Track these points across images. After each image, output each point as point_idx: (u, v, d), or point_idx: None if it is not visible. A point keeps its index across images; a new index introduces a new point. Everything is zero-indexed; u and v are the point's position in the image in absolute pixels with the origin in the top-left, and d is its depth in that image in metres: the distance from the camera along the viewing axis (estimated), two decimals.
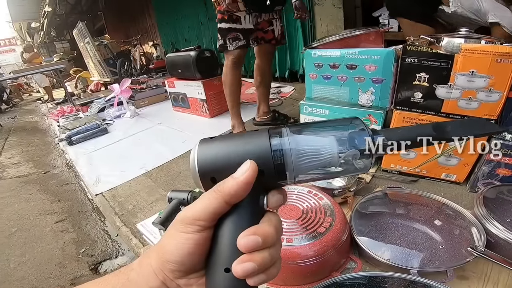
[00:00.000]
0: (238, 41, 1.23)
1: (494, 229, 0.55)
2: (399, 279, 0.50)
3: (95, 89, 4.12)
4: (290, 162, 0.21)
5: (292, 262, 0.55)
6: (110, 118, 2.13)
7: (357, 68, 0.82)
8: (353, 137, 0.22)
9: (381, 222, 0.65)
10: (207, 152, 0.22)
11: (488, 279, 0.54)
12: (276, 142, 0.21)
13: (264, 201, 0.21)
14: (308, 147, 0.21)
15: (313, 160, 0.21)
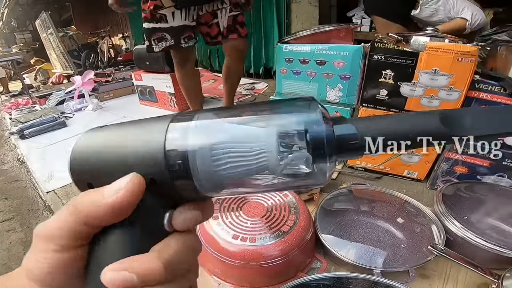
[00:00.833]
0: (165, 42, 1.12)
1: (452, 227, 0.56)
2: (363, 279, 0.49)
3: (57, 82, 3.84)
4: (196, 168, 0.14)
5: (256, 262, 0.52)
6: (69, 111, 1.99)
7: (326, 64, 0.81)
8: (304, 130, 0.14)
9: (346, 220, 0.65)
10: (86, 148, 0.16)
11: (448, 278, 0.55)
12: (175, 136, 0.15)
13: (165, 220, 0.15)
14: (230, 144, 0.14)
15: (239, 165, 0.14)
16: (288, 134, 0.14)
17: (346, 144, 0.15)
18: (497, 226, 0.61)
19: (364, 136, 0.15)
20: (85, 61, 4.04)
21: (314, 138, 0.14)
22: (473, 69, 0.65)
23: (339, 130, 0.15)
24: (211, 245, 0.55)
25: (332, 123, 0.15)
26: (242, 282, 0.56)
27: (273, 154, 0.14)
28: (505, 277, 0.47)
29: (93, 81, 2.03)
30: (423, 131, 0.15)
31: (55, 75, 3.96)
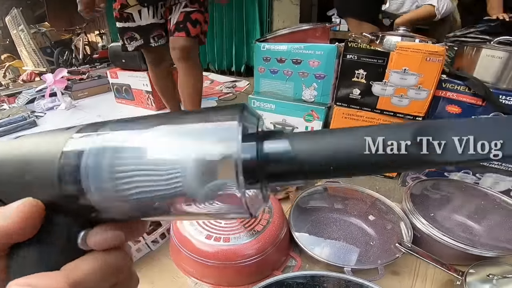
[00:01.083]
0: (135, 41, 1.09)
1: (419, 224, 0.58)
2: (336, 278, 0.50)
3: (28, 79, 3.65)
4: (91, 191, 0.12)
5: (231, 262, 0.52)
6: (41, 110, 1.89)
7: (301, 63, 0.81)
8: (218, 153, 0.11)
9: (320, 217, 0.66)
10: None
11: (417, 275, 0.57)
12: (70, 154, 0.13)
13: (79, 240, 0.13)
14: (135, 165, 0.12)
15: (146, 190, 0.12)
16: (203, 157, 0.11)
17: (278, 167, 0.12)
18: (462, 222, 0.63)
19: (304, 160, 0.12)
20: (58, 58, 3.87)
21: (225, 160, 0.11)
22: (441, 68, 0.68)
23: (269, 149, 0.12)
24: (185, 245, 0.54)
25: (262, 138, 0.12)
26: (219, 281, 0.56)
27: (188, 180, 0.11)
28: (468, 274, 0.49)
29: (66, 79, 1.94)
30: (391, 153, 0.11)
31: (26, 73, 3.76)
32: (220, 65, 2.44)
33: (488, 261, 0.51)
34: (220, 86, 2.10)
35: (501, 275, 0.46)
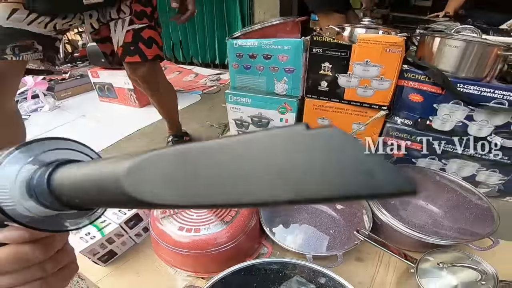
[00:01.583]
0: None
1: (378, 213, 0.60)
2: (300, 265, 0.53)
3: None
4: None
5: (202, 250, 0.56)
6: (25, 112, 1.88)
7: (271, 58, 0.84)
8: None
9: (290, 206, 0.69)
10: None
11: (381, 262, 0.60)
12: None
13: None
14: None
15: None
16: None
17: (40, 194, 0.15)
18: (424, 209, 0.65)
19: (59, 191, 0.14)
20: None
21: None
22: (401, 59, 0.70)
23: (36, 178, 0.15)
24: (162, 237, 0.58)
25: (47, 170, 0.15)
26: (196, 269, 0.60)
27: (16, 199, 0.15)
28: (422, 260, 0.51)
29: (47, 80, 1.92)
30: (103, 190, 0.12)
31: None
32: (204, 58, 2.43)
33: (443, 249, 0.53)
34: (204, 79, 2.10)
35: (451, 263, 0.48)
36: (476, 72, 0.67)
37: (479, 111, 0.69)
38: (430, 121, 0.75)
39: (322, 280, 0.52)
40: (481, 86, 0.66)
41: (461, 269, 0.48)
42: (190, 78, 2.16)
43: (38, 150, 0.15)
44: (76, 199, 0.14)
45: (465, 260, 0.49)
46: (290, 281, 0.54)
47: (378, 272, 0.58)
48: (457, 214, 0.63)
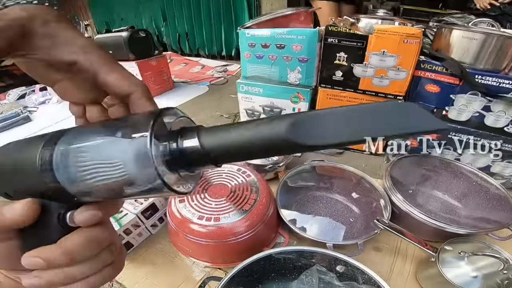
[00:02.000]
0: None
1: (397, 201, 0.60)
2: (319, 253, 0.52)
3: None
4: (64, 181, 0.16)
5: (221, 240, 0.56)
6: (33, 104, 1.89)
7: (285, 48, 0.83)
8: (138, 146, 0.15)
9: (308, 195, 0.69)
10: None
11: (398, 251, 0.59)
12: (44, 156, 0.17)
13: (67, 220, 0.18)
14: (90, 159, 0.16)
15: (101, 176, 0.15)
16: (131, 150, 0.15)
17: (189, 158, 0.15)
18: (440, 199, 0.66)
19: (209, 151, 0.15)
20: None
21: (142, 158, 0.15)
22: (418, 50, 0.70)
23: (182, 144, 0.15)
24: (181, 227, 0.58)
25: (177, 136, 0.16)
26: (214, 259, 0.60)
27: (128, 167, 0.15)
28: (442, 250, 0.50)
29: None
30: (269, 140, 0.14)
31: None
32: (211, 50, 2.42)
33: (463, 239, 0.53)
34: (211, 70, 2.10)
35: (472, 252, 0.48)
36: (494, 63, 0.67)
37: (496, 102, 0.69)
38: (446, 111, 0.75)
39: (342, 269, 0.52)
40: (500, 77, 0.66)
41: (482, 258, 0.47)
42: (197, 69, 2.15)
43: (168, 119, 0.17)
44: (227, 157, 0.15)
45: (486, 250, 0.49)
46: (310, 270, 0.53)
47: (396, 261, 0.58)
48: (474, 204, 0.63)
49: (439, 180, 0.70)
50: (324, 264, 0.53)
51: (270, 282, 0.54)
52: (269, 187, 0.65)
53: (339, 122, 0.13)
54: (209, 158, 0.15)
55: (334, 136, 0.13)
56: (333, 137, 0.13)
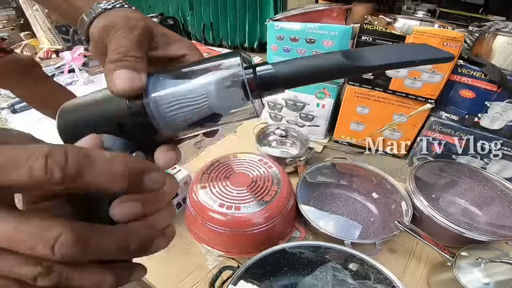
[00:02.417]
0: None
1: (419, 204, 0.59)
2: (336, 250, 0.53)
3: (45, 57, 3.73)
4: (152, 111, 0.18)
5: (240, 229, 0.56)
6: None
7: (315, 43, 0.82)
8: (230, 74, 0.18)
9: (326, 192, 0.69)
10: (68, 110, 0.20)
11: (413, 254, 0.59)
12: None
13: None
14: (179, 92, 0.18)
15: (185, 106, 0.18)
16: (220, 79, 0.18)
17: (268, 82, 0.18)
18: (463, 206, 0.65)
19: (280, 74, 0.18)
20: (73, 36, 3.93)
21: (239, 80, 0.18)
22: (457, 54, 0.67)
23: (260, 71, 0.18)
24: (200, 213, 0.58)
25: (254, 67, 0.18)
26: (229, 249, 0.60)
27: (212, 96, 0.18)
28: (460, 256, 0.50)
29: (83, 56, 1.99)
30: (330, 65, 0.18)
31: (42, 51, 3.83)
32: (233, 41, 2.41)
33: (481, 245, 0.53)
34: None
35: (489, 259, 0.47)
36: None
37: None
38: (479, 118, 0.72)
39: (355, 267, 0.52)
40: None
41: (499, 265, 0.47)
42: None
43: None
44: (297, 80, 0.19)
45: (504, 257, 0.48)
46: (325, 266, 0.53)
47: (409, 264, 0.58)
48: (496, 213, 0.62)
49: (463, 187, 0.69)
50: (339, 262, 0.53)
51: (283, 275, 0.54)
52: (290, 180, 0.65)
53: (376, 54, 0.18)
54: (282, 80, 0.18)
55: (375, 61, 0.18)
56: (374, 61, 0.18)
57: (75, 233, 0.13)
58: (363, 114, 0.85)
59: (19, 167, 0.12)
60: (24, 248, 0.12)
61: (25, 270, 0.13)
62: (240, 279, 0.47)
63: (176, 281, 0.56)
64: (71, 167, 0.12)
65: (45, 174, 0.12)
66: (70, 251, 0.13)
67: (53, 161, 0.12)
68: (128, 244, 0.15)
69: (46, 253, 0.12)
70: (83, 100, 0.20)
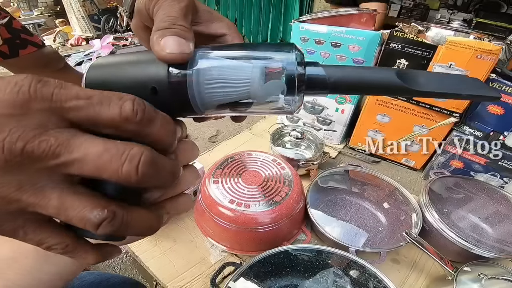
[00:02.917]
0: None
1: (430, 217, 0.58)
2: (339, 256, 0.53)
3: (76, 44, 3.91)
4: (191, 84, 0.17)
5: (248, 227, 0.56)
6: None
7: (341, 47, 0.81)
8: (280, 66, 0.17)
9: (337, 198, 0.68)
10: (98, 67, 0.19)
11: (415, 266, 0.58)
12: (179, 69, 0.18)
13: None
14: (221, 71, 0.18)
15: (226, 87, 0.17)
16: (269, 68, 0.18)
17: (315, 83, 0.18)
18: (475, 223, 0.63)
19: (330, 78, 0.18)
20: (104, 25, 4.10)
21: (288, 74, 0.17)
22: (491, 67, 0.64)
23: (310, 71, 0.18)
24: (210, 207, 0.59)
25: (305, 65, 0.18)
26: (233, 244, 0.61)
27: (255, 83, 0.17)
28: (462, 271, 0.49)
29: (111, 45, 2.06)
30: (381, 81, 0.18)
31: (73, 38, 4.01)
32: (255, 39, 2.42)
33: (486, 261, 0.52)
34: None
35: (491, 275, 0.47)
36: None
37: None
38: (504, 136, 0.69)
39: (356, 274, 0.52)
40: None
41: (500, 282, 0.46)
42: None
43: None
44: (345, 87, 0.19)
45: (506, 275, 0.47)
46: (327, 271, 0.53)
47: (410, 275, 0.57)
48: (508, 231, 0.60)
49: (477, 204, 0.66)
50: (341, 267, 0.53)
51: (283, 276, 0.55)
52: (302, 183, 0.65)
53: (430, 80, 0.18)
54: (329, 85, 0.18)
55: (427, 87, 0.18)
56: (427, 87, 0.18)
57: (152, 152, 0.15)
58: (383, 122, 0.83)
59: (113, 105, 0.14)
60: (111, 169, 0.14)
61: (93, 215, 0.14)
62: (241, 276, 0.48)
63: (177, 272, 0.57)
64: (147, 114, 0.15)
65: (131, 113, 0.14)
66: (149, 170, 0.15)
67: (138, 105, 0.15)
68: (177, 172, 0.17)
69: (130, 171, 0.14)
70: (118, 58, 0.19)
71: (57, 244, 0.16)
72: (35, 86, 0.13)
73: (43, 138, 0.13)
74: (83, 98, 0.14)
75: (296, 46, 0.18)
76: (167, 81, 0.17)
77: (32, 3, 8.73)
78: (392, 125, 0.82)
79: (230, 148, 0.91)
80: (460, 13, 1.94)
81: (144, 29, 0.24)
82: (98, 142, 0.14)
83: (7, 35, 0.74)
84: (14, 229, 0.15)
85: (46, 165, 0.13)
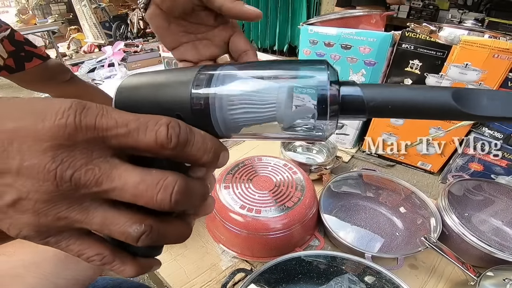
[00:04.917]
0: None
1: (450, 222, 0.56)
2: (354, 261, 0.51)
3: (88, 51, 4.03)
4: (214, 110, 0.16)
5: (259, 233, 0.55)
6: (100, 78, 2.09)
7: (351, 49, 0.79)
8: (312, 87, 0.15)
9: (351, 203, 0.66)
10: (127, 88, 0.19)
11: (434, 271, 0.56)
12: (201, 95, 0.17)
13: None
14: (245, 94, 0.16)
15: (251, 113, 0.16)
16: (297, 91, 0.16)
17: (350, 105, 0.16)
18: (497, 227, 0.60)
19: (369, 101, 0.16)
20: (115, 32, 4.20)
21: (319, 97, 0.15)
22: (509, 67, 0.62)
23: (345, 92, 0.16)
24: (220, 213, 0.58)
25: (339, 85, 0.16)
26: (244, 250, 0.60)
27: (281, 106, 0.16)
28: (485, 276, 0.47)
29: (122, 51, 2.10)
30: (434, 104, 0.15)
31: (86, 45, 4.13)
32: (263, 43, 2.43)
33: (508, 266, 0.50)
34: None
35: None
36: None
37: None
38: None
39: (371, 280, 0.50)
40: None
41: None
42: None
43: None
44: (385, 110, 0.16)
45: None
46: (342, 277, 0.52)
47: (429, 281, 0.55)
48: None
49: (499, 207, 0.64)
50: (356, 273, 0.51)
51: (296, 283, 0.53)
52: (315, 188, 0.63)
53: (494, 102, 0.15)
54: (367, 107, 0.16)
55: (491, 111, 0.15)
56: (491, 112, 0.15)
57: (185, 180, 0.16)
58: (397, 125, 0.81)
59: (149, 131, 0.15)
60: (147, 197, 0.15)
61: (132, 229, 0.15)
62: (252, 283, 0.47)
63: (188, 278, 0.57)
64: (182, 137, 0.15)
65: (166, 140, 0.15)
66: (182, 198, 0.15)
67: (172, 129, 0.15)
68: (207, 193, 0.18)
69: (164, 199, 0.15)
70: (145, 79, 0.19)
71: (95, 255, 0.17)
72: (80, 116, 0.14)
73: (89, 167, 0.14)
74: (121, 126, 0.15)
75: (328, 63, 0.16)
76: (190, 108, 0.17)
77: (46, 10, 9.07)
78: (406, 127, 0.80)
79: (240, 153, 0.91)
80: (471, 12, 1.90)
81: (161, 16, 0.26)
82: (136, 173, 0.15)
83: (10, 47, 0.75)
84: (58, 241, 0.16)
85: (90, 191, 0.15)
